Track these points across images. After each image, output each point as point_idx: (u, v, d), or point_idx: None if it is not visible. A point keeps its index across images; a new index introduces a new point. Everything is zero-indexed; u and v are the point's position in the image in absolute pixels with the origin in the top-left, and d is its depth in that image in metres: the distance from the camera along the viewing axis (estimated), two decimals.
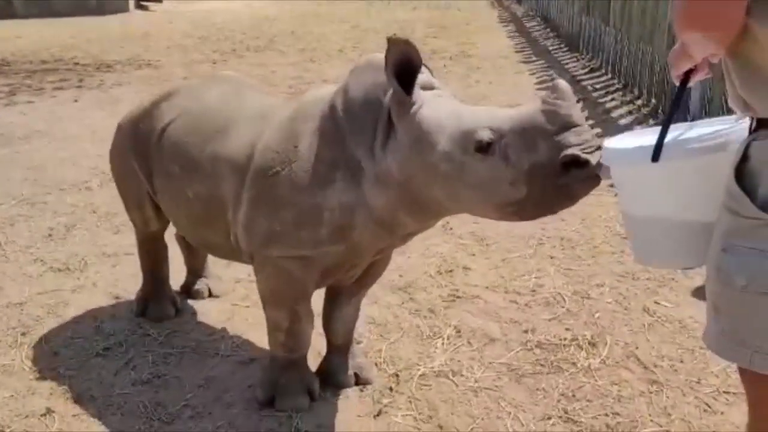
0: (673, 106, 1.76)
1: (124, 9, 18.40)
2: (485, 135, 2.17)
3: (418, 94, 2.33)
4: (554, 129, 2.10)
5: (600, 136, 4.30)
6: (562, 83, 2.15)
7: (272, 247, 2.58)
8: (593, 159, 2.04)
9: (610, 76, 9.20)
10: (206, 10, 18.57)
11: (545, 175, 2.11)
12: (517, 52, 11.90)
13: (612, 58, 9.22)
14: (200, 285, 3.75)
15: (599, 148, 2.03)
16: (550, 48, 12.17)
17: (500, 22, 16.53)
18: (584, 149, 2.06)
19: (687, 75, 1.77)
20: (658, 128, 1.72)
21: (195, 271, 3.77)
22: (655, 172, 1.70)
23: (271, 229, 2.55)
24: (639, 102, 7.77)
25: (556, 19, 13.83)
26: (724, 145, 1.70)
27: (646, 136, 1.84)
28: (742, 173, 1.52)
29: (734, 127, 1.73)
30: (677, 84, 1.80)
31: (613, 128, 6.82)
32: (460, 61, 10.87)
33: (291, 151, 2.51)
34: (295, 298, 2.68)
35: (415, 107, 2.30)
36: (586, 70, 9.92)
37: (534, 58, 11.14)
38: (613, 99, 8.18)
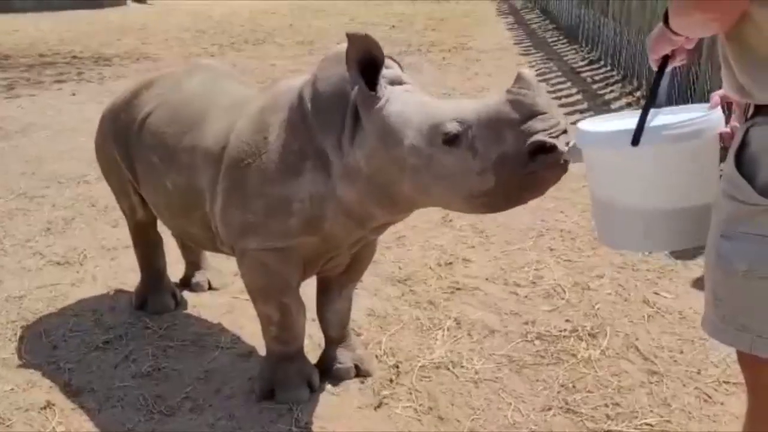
0: (653, 91, 1.76)
1: (122, 2, 18.36)
2: (452, 127, 2.17)
3: (384, 89, 2.32)
4: (520, 118, 2.09)
5: None
6: (527, 72, 2.15)
7: (247, 239, 2.59)
8: (560, 144, 2.04)
9: (609, 67, 9.19)
10: (204, 3, 18.51)
11: (513, 165, 2.10)
12: (516, 44, 11.88)
13: (611, 49, 9.20)
14: (200, 278, 3.75)
15: (565, 132, 2.04)
16: (549, 40, 12.14)
17: (499, 14, 16.49)
18: (550, 134, 2.06)
19: (665, 60, 1.78)
20: (626, 113, 1.73)
21: (194, 263, 3.77)
22: (633, 156, 1.70)
23: (245, 220, 2.56)
24: (638, 93, 7.75)
25: (555, 11, 13.79)
26: (699, 133, 1.70)
27: (617, 120, 1.84)
28: (741, 159, 1.51)
29: (708, 116, 1.73)
30: (654, 69, 1.81)
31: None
32: (459, 53, 10.84)
33: (261, 143, 2.52)
34: (280, 290, 2.67)
35: (381, 102, 2.30)
36: (586, 61, 9.90)
37: (533, 51, 11.12)
38: (612, 90, 8.17)
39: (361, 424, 2.71)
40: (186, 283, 3.76)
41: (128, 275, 3.84)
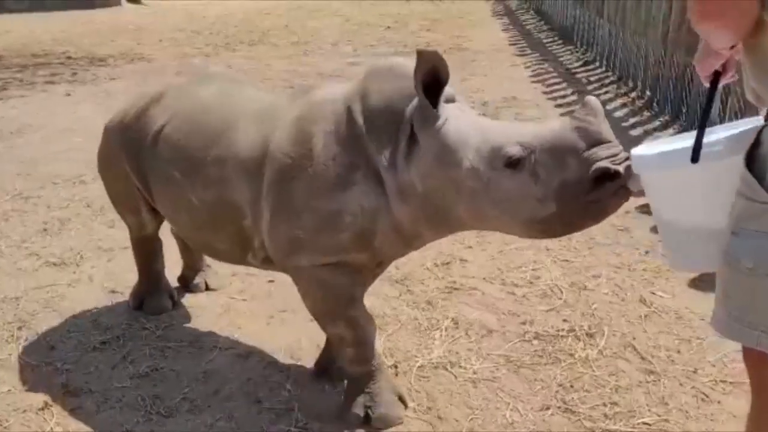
0: (706, 107, 1.76)
1: (116, 2, 18.30)
2: (515, 151, 2.14)
3: (443, 107, 2.29)
4: (584, 146, 2.07)
5: None
6: (594, 100, 2.13)
7: (298, 256, 2.51)
8: (623, 170, 2.01)
9: (604, 68, 9.21)
10: (198, 3, 18.48)
11: (575, 192, 2.08)
12: (511, 45, 11.90)
13: (606, 50, 9.23)
14: (198, 279, 3.74)
15: (627, 159, 2.01)
16: (545, 41, 12.16)
17: (494, 15, 16.52)
18: (614, 162, 2.04)
19: (716, 76, 1.77)
20: (677, 136, 1.74)
21: (192, 265, 3.75)
22: (695, 173, 1.68)
23: (294, 236, 2.47)
24: (633, 94, 7.78)
25: (550, 11, 13.83)
26: (757, 144, 1.66)
27: (669, 144, 1.83)
28: (753, 158, 1.53)
29: (760, 126, 1.69)
30: (706, 85, 1.80)
31: (608, 121, 6.82)
32: (454, 54, 10.85)
33: (306, 155, 2.44)
34: (345, 305, 2.57)
35: (440, 121, 2.26)
36: (581, 62, 9.93)
37: (528, 51, 11.14)
38: (607, 92, 8.19)
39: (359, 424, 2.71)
40: (184, 283, 3.75)
41: (125, 276, 3.83)
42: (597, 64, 9.54)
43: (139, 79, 9.16)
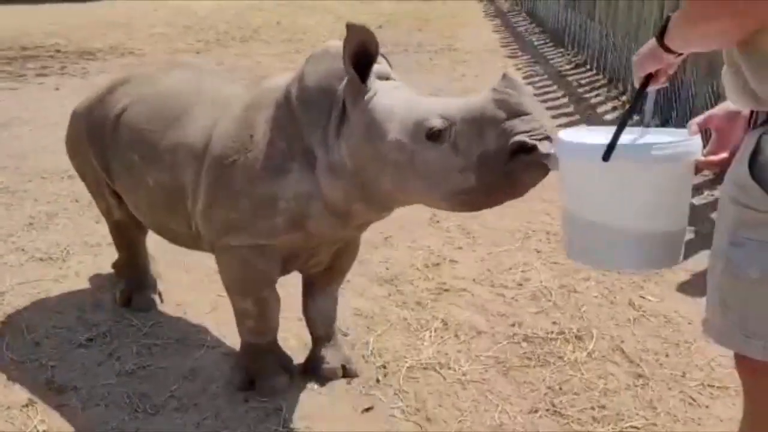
0: (631, 108, 1.77)
1: None
2: (437, 123, 2.16)
3: (374, 83, 2.32)
4: (503, 117, 2.08)
5: None
6: (513, 72, 2.16)
7: (230, 236, 2.57)
8: (541, 146, 2.02)
9: (595, 71, 9.23)
10: None
11: (494, 164, 2.09)
12: (502, 46, 11.91)
13: (597, 53, 9.25)
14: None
15: (548, 138, 2.03)
16: (536, 43, 12.18)
17: (486, 16, 16.53)
18: (532, 136, 2.05)
19: (647, 79, 1.78)
20: (614, 128, 1.73)
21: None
22: (603, 171, 1.70)
23: (229, 218, 2.54)
24: (624, 98, 7.80)
25: (541, 14, 13.86)
26: (676, 157, 1.70)
27: (600, 134, 1.83)
28: (754, 166, 1.51)
29: (688, 141, 1.74)
30: (637, 86, 1.81)
31: (598, 124, 6.84)
32: (445, 54, 10.86)
33: (247, 141, 2.50)
34: (259, 286, 2.68)
35: (368, 95, 2.30)
36: (572, 65, 9.95)
37: (520, 53, 11.16)
38: (598, 95, 8.21)
39: (347, 425, 2.70)
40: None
41: (112, 272, 3.80)
42: (588, 66, 9.57)
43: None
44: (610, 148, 1.67)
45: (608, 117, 7.24)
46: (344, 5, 17.57)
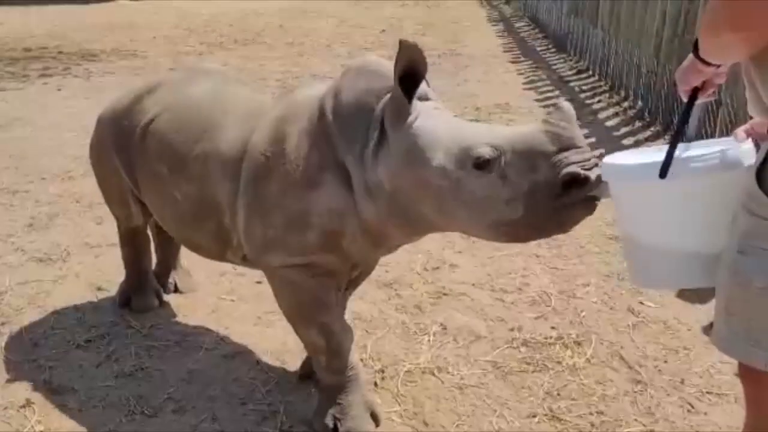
0: (681, 122, 1.74)
1: None
2: (485, 152, 2.10)
3: (416, 104, 2.25)
4: (555, 149, 2.04)
5: (587, 137, 4.29)
6: (566, 104, 2.10)
7: (270, 255, 2.50)
8: (593, 176, 1.98)
9: (597, 77, 9.23)
10: (193, 2, 18.41)
11: (543, 196, 2.05)
12: (505, 51, 11.91)
13: (599, 59, 9.26)
14: (169, 279, 3.68)
15: (597, 166, 1.98)
16: (538, 48, 12.19)
17: (489, 21, 16.55)
18: (584, 167, 2.01)
19: (695, 91, 1.75)
20: (657, 147, 1.70)
21: (165, 262, 3.69)
22: (662, 189, 1.65)
23: (265, 234, 2.47)
24: (626, 104, 7.80)
25: (544, 19, 13.87)
26: (730, 165, 1.64)
27: (645, 154, 1.80)
28: (762, 176, 1.50)
29: (737, 148, 1.68)
30: (684, 99, 1.78)
31: (599, 130, 6.85)
32: (448, 58, 10.86)
33: (279, 154, 2.44)
34: (316, 309, 2.54)
35: (411, 117, 2.23)
36: (574, 71, 9.95)
37: (522, 58, 11.16)
38: (600, 101, 8.21)
39: None
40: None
41: (112, 273, 3.80)
42: (590, 72, 9.57)
43: (131, 75, 9.11)
44: (666, 164, 1.62)
45: (610, 123, 7.23)
46: (347, 9, 17.59)
